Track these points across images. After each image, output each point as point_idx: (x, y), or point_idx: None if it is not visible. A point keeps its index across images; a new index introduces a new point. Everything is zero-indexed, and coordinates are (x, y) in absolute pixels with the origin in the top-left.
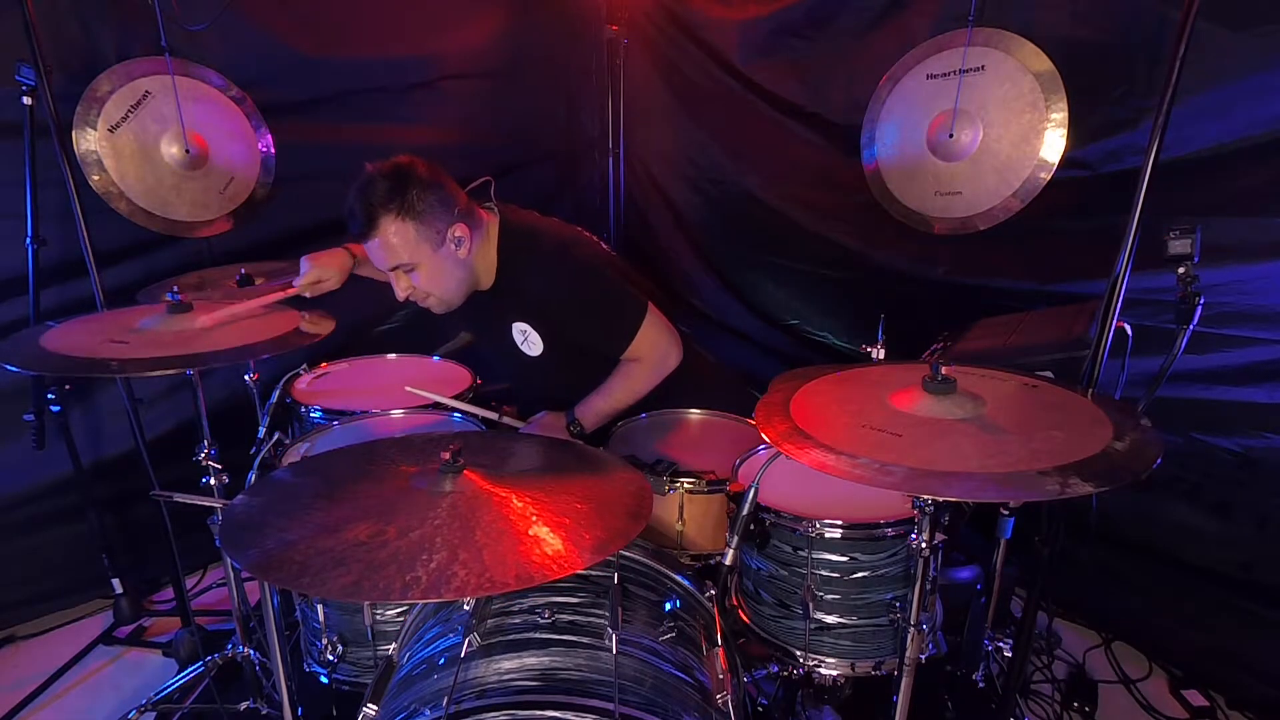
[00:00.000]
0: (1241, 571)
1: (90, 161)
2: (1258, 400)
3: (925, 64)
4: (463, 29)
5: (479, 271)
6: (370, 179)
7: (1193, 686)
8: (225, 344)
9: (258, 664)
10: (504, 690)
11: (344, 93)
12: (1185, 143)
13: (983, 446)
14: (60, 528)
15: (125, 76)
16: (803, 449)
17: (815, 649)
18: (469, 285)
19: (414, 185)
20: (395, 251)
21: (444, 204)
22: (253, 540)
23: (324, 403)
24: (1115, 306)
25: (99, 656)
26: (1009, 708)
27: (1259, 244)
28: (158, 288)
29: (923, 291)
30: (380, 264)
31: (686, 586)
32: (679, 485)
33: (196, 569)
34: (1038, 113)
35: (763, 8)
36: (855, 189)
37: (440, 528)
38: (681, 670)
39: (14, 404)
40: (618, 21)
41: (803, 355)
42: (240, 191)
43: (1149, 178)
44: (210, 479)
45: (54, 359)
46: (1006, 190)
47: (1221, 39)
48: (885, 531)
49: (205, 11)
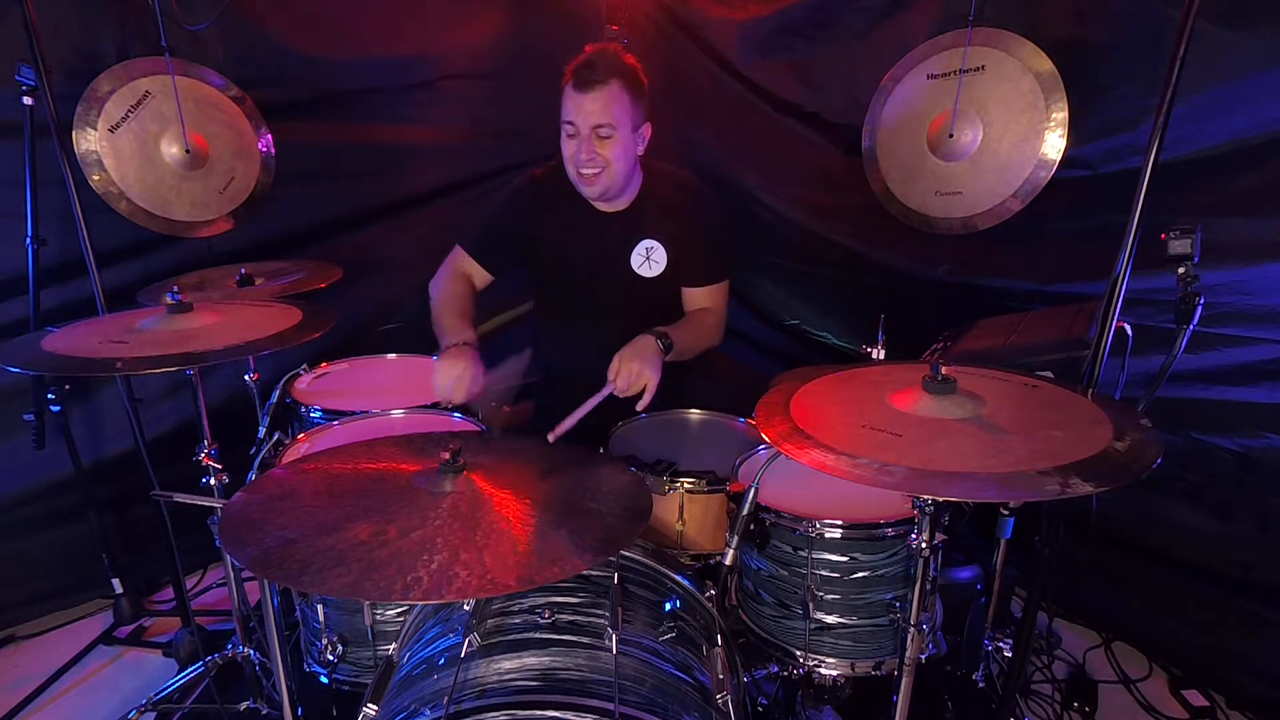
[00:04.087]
0: (1241, 571)
1: (90, 161)
2: (1258, 400)
3: (925, 64)
4: (463, 29)
5: (631, 181)
6: (606, 49)
7: (1193, 686)
8: (225, 342)
9: (258, 664)
10: (504, 690)
11: (344, 93)
12: (1185, 143)
13: (983, 446)
14: (60, 528)
15: (125, 76)
16: (803, 449)
17: (815, 649)
18: (626, 182)
19: (638, 75)
20: (610, 110)
21: (645, 103)
22: (253, 538)
23: (324, 403)
24: (1115, 306)
25: (99, 656)
26: (1009, 708)
27: (1259, 244)
28: (158, 288)
29: (923, 291)
30: (589, 117)
31: (686, 586)
32: (679, 485)
33: (196, 569)
34: (1038, 113)
35: (763, 8)
36: (855, 189)
37: (441, 528)
38: (681, 670)
39: (14, 404)
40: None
41: (803, 355)
42: (240, 191)
43: (1149, 178)
44: (210, 479)
45: (54, 359)
46: (1007, 190)
47: (1221, 39)
48: (885, 531)
49: (205, 11)
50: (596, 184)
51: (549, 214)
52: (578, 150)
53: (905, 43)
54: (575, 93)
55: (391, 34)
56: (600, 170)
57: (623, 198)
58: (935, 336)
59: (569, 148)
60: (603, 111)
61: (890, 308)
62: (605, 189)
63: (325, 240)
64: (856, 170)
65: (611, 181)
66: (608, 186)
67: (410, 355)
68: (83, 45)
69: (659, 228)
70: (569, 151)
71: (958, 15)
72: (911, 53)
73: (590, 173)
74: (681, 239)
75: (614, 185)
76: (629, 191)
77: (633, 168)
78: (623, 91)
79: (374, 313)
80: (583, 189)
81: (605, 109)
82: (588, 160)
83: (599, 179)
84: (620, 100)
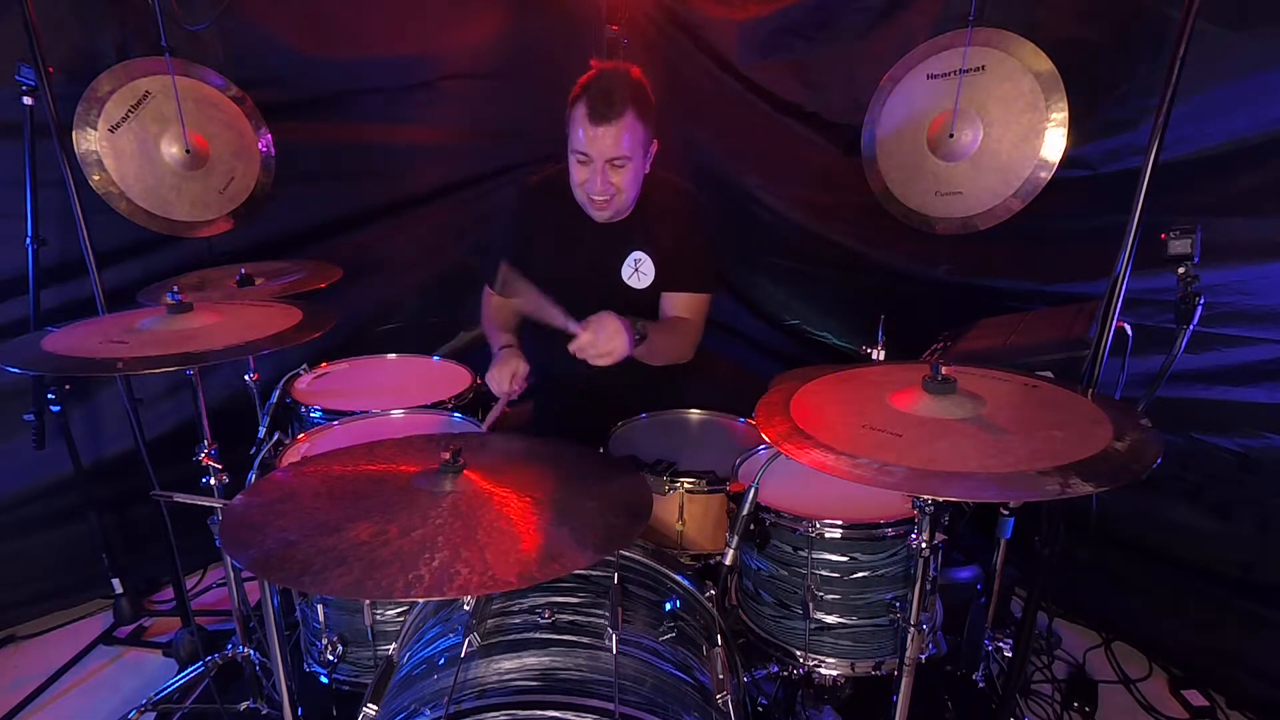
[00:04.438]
0: (1241, 571)
1: (90, 161)
2: (1258, 400)
3: (925, 64)
4: (463, 29)
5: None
6: (618, 71)
7: (1193, 686)
8: (225, 342)
9: (258, 664)
10: (504, 690)
11: (344, 93)
12: (1185, 143)
13: (983, 446)
14: (60, 528)
15: (125, 76)
16: (803, 449)
17: (815, 649)
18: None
19: (648, 95)
20: (623, 143)
21: (654, 122)
22: (253, 539)
23: (324, 403)
24: (1115, 306)
25: (99, 656)
26: (1009, 708)
27: (1259, 244)
28: (158, 288)
29: (923, 291)
30: (605, 151)
31: (686, 586)
32: (679, 485)
33: (196, 569)
34: (1038, 113)
35: (763, 8)
36: (855, 189)
37: (442, 527)
38: (681, 670)
39: (14, 404)
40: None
41: (803, 355)
42: (240, 191)
43: (1149, 178)
44: (210, 479)
45: (54, 359)
46: (1007, 190)
47: (1221, 39)
48: (885, 531)
49: (205, 11)
50: (607, 209)
51: (541, 221)
52: (590, 179)
53: (905, 43)
54: (591, 125)
55: (391, 34)
56: (611, 197)
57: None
58: (935, 336)
59: (580, 174)
60: (616, 145)
61: (890, 308)
62: (615, 213)
63: (325, 240)
64: (856, 170)
65: (622, 206)
66: (617, 210)
67: (410, 355)
68: (83, 45)
69: (650, 239)
70: (579, 178)
71: (958, 15)
72: (911, 53)
73: (602, 199)
74: (669, 248)
75: (624, 209)
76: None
77: (640, 187)
78: (637, 121)
79: (374, 313)
80: (590, 212)
81: (619, 143)
82: (601, 190)
83: (610, 204)
84: (634, 130)
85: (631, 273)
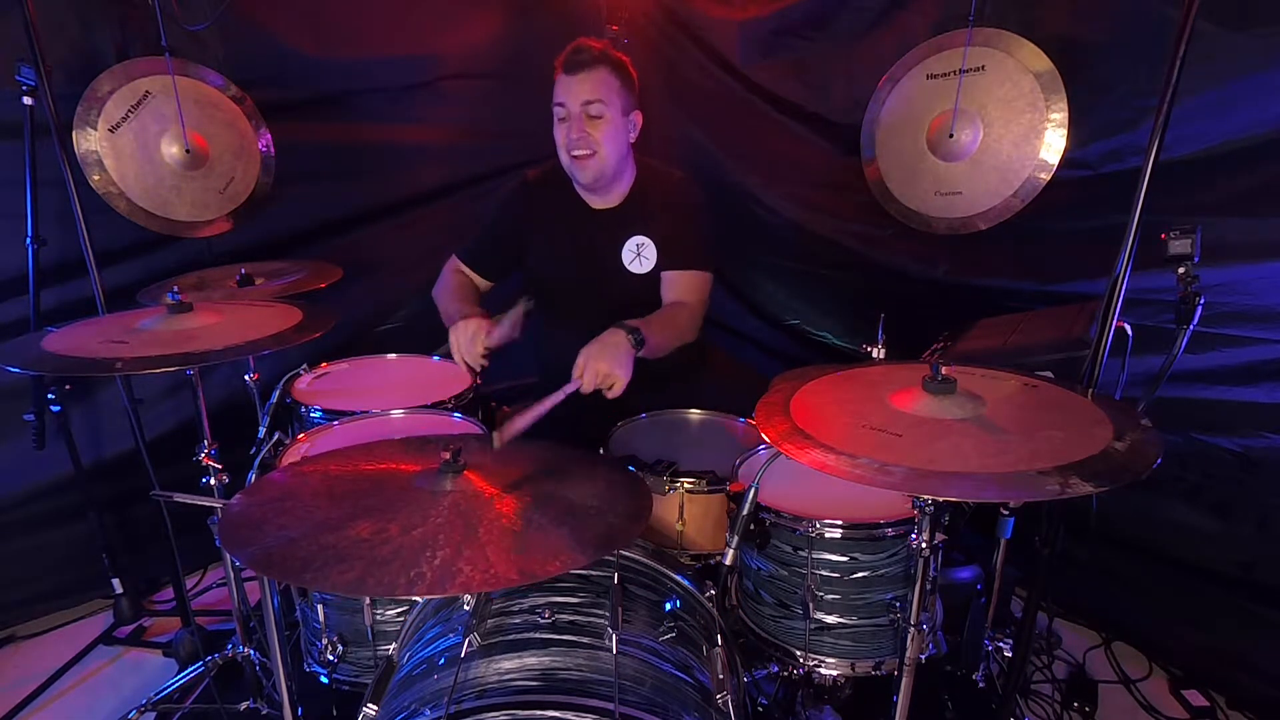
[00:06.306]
0: (1241, 571)
1: (90, 161)
2: (1258, 400)
3: (925, 64)
4: (463, 29)
5: (624, 173)
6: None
7: (1193, 686)
8: (225, 342)
9: (258, 664)
10: (504, 690)
11: (344, 93)
12: (1185, 143)
13: (983, 446)
14: (60, 528)
15: (125, 76)
16: (803, 449)
17: (815, 649)
18: (618, 170)
19: (626, 64)
20: (599, 89)
21: (634, 92)
22: (253, 537)
23: (324, 403)
24: (1115, 306)
25: (99, 656)
26: (1009, 708)
27: (1259, 244)
28: (158, 288)
29: (923, 291)
30: (579, 95)
31: (686, 586)
32: (679, 485)
33: (196, 569)
34: (1038, 113)
35: (763, 8)
36: (855, 189)
37: (443, 526)
38: (681, 670)
39: (14, 404)
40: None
41: (803, 355)
42: (240, 191)
43: (1149, 178)
44: (210, 479)
45: (54, 359)
46: (1007, 190)
47: (1221, 39)
48: (885, 531)
49: (205, 11)
50: (589, 167)
51: (541, 214)
52: (569, 131)
53: (905, 43)
54: (565, 75)
55: (391, 34)
56: (592, 153)
57: (614, 192)
58: (935, 336)
59: (560, 132)
60: (592, 90)
61: (890, 308)
62: (598, 174)
63: (325, 240)
64: (856, 170)
65: (604, 166)
66: (600, 171)
67: (410, 355)
68: (83, 45)
69: (650, 224)
70: (560, 136)
71: (958, 15)
72: (911, 53)
73: (582, 154)
74: (668, 231)
75: (606, 171)
76: (621, 186)
77: (624, 155)
78: (611, 75)
79: (374, 313)
80: (575, 174)
81: (594, 88)
82: (578, 140)
83: (591, 162)
84: (609, 82)
85: (633, 258)
